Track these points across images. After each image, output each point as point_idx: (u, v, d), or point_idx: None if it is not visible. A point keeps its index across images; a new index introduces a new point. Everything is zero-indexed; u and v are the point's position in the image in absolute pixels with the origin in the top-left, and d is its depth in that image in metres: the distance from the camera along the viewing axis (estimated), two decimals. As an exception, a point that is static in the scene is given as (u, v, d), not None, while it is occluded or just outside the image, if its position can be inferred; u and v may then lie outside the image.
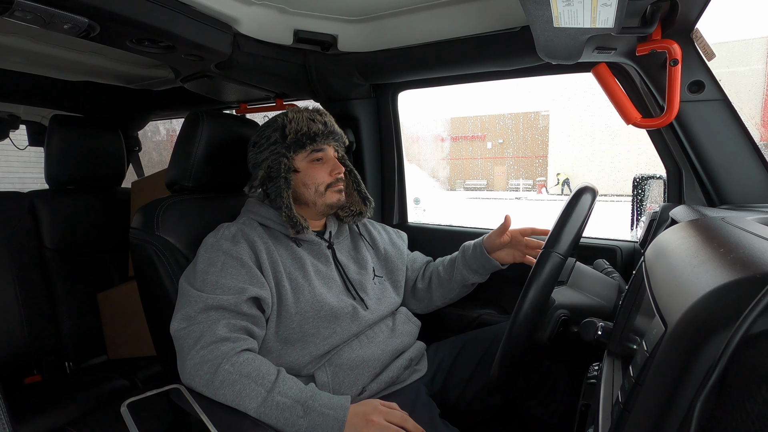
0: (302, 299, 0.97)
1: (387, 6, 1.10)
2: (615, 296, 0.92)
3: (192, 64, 1.16)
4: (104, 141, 1.79)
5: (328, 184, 1.07)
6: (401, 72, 1.32)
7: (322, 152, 1.07)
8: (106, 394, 1.45)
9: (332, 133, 1.09)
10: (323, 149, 1.07)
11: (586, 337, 0.70)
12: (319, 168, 1.07)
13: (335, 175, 1.07)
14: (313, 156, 1.06)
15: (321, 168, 1.07)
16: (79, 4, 0.79)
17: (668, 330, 0.37)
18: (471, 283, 1.20)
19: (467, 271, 1.16)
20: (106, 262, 1.80)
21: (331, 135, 1.09)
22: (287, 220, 1.00)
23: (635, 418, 0.39)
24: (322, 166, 1.07)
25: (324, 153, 1.08)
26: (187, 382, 0.84)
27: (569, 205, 0.82)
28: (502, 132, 14.04)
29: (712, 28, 1.06)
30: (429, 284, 1.22)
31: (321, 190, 1.07)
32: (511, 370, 0.84)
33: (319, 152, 1.07)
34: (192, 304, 0.88)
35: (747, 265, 0.37)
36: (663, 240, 0.60)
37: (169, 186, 1.19)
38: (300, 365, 0.95)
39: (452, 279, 1.18)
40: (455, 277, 1.18)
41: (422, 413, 0.94)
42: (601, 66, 1.01)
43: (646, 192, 1.17)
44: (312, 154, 1.06)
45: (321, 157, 1.07)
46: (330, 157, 1.09)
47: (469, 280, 1.17)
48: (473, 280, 1.18)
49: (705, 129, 0.97)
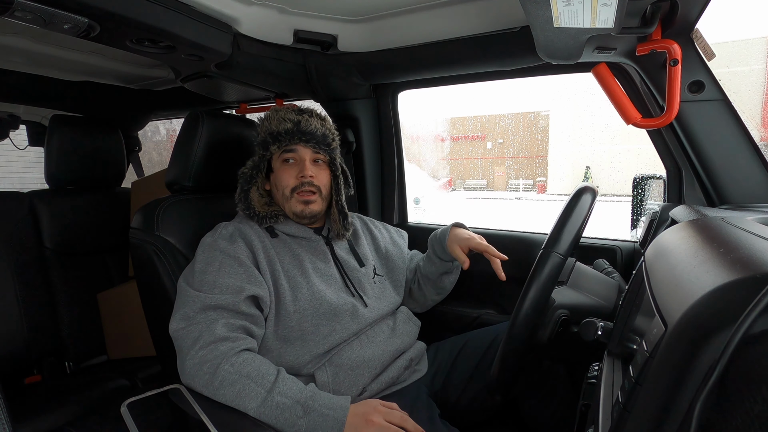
0: (301, 297, 0.97)
1: (387, 6, 1.10)
2: (615, 296, 0.92)
3: (192, 64, 1.16)
4: (104, 141, 1.79)
5: (292, 187, 1.02)
6: (401, 72, 1.32)
7: (293, 153, 1.03)
8: (106, 394, 1.45)
9: (304, 133, 1.02)
10: (293, 150, 1.03)
11: (586, 337, 0.70)
12: (286, 170, 1.03)
13: (300, 179, 1.02)
14: (283, 156, 1.04)
15: (288, 170, 1.03)
16: (79, 4, 0.79)
17: (668, 330, 0.37)
18: (446, 271, 1.17)
19: (435, 257, 1.16)
20: (106, 262, 1.80)
21: (303, 135, 1.02)
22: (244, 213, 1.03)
23: (635, 418, 0.39)
24: (290, 167, 1.03)
25: (294, 154, 1.03)
26: (187, 382, 0.84)
27: (569, 205, 0.82)
28: (502, 132, 14.04)
29: (712, 28, 1.06)
30: (418, 281, 1.22)
31: (287, 194, 1.03)
32: (511, 370, 0.84)
33: (288, 153, 1.03)
34: (190, 304, 0.88)
35: (747, 265, 0.37)
36: (663, 240, 0.60)
37: (169, 186, 1.19)
38: (300, 364, 0.95)
39: (433, 270, 1.17)
40: (434, 268, 1.17)
41: (422, 413, 0.94)
42: (601, 66, 1.01)
43: (646, 192, 1.17)
44: (282, 154, 1.04)
45: (290, 158, 1.04)
46: (300, 159, 1.03)
47: (442, 267, 1.16)
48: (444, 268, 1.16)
49: (705, 129, 0.97)
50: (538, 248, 0.81)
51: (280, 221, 1.05)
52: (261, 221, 1.03)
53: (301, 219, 1.06)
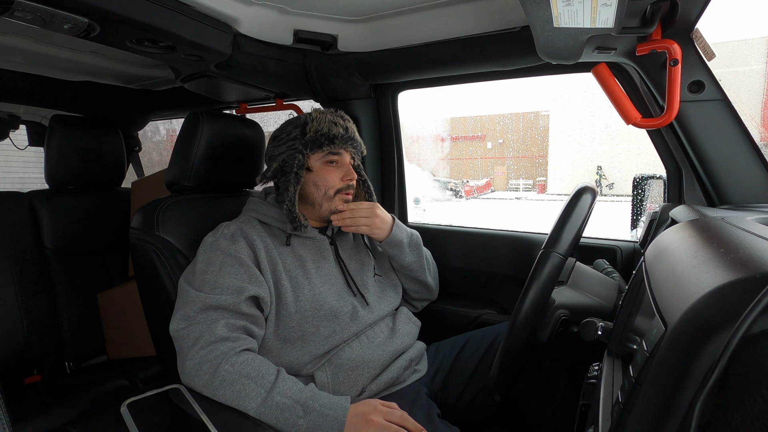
0: (302, 298, 0.97)
1: (387, 6, 1.10)
2: (615, 296, 0.92)
3: (192, 64, 1.16)
4: (104, 141, 1.79)
5: (338, 189, 1.06)
6: (401, 72, 1.32)
7: (338, 156, 1.07)
8: (106, 394, 1.45)
9: (352, 139, 1.08)
10: (339, 153, 1.07)
11: (586, 337, 0.70)
12: (333, 171, 1.06)
13: (347, 181, 1.06)
14: (328, 158, 1.06)
15: (334, 171, 1.06)
16: (79, 4, 0.79)
17: (668, 330, 0.37)
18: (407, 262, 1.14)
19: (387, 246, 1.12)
20: (106, 262, 1.80)
21: (350, 141, 1.08)
22: (287, 214, 1.00)
23: (635, 418, 0.39)
24: (336, 169, 1.07)
25: (340, 157, 1.07)
26: (187, 382, 0.84)
27: (569, 205, 0.82)
28: (502, 132, 14.02)
29: (712, 28, 1.06)
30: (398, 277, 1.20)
31: (330, 194, 1.06)
32: (511, 370, 0.84)
33: (335, 155, 1.06)
34: (191, 304, 0.88)
35: (747, 265, 0.37)
36: (663, 240, 0.60)
37: (169, 186, 1.19)
38: (300, 365, 0.95)
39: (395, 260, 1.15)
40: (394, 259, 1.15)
41: (422, 413, 0.94)
42: (601, 66, 1.01)
43: (646, 192, 1.17)
44: (328, 155, 1.06)
45: (336, 161, 1.07)
46: (345, 163, 1.08)
47: (396, 257, 1.13)
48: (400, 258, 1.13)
49: (705, 129, 0.97)
50: (538, 248, 0.81)
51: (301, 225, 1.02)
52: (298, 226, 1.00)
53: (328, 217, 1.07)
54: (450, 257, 1.43)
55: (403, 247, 1.12)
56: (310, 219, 1.08)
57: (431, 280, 1.22)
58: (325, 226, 1.12)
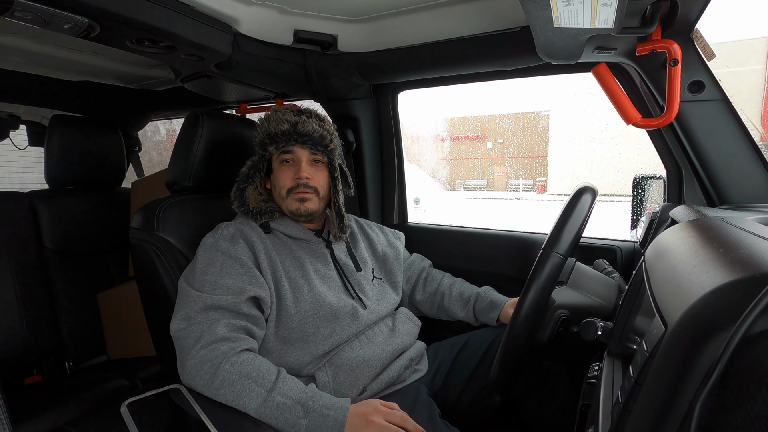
0: (302, 299, 0.97)
1: (387, 6, 1.10)
2: (615, 296, 0.92)
3: (192, 64, 1.16)
4: (104, 141, 1.79)
5: (289, 188, 1.03)
6: (401, 72, 1.32)
7: (290, 154, 1.04)
8: (106, 394, 1.45)
9: (301, 134, 1.02)
10: (291, 151, 1.04)
11: (586, 337, 0.70)
12: (284, 170, 1.04)
13: (296, 180, 1.03)
14: (281, 157, 1.05)
15: (286, 171, 1.04)
16: (79, 4, 0.79)
17: (668, 330, 0.37)
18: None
19: (472, 316, 1.17)
20: (106, 262, 1.80)
21: (300, 136, 1.02)
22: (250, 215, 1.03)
23: (635, 418, 0.39)
24: (288, 168, 1.04)
25: (291, 155, 1.04)
26: (187, 382, 0.84)
27: (569, 205, 0.82)
28: (502, 132, 14.01)
29: (712, 28, 1.06)
30: (432, 302, 1.23)
31: (283, 194, 1.04)
32: (511, 370, 0.84)
33: (286, 154, 1.04)
34: (191, 304, 0.88)
35: (747, 265, 0.37)
36: (663, 240, 0.60)
37: (169, 186, 1.19)
38: (300, 365, 0.95)
39: (459, 314, 1.19)
40: (461, 315, 1.19)
41: (422, 413, 0.94)
42: (601, 66, 1.01)
43: (646, 192, 1.17)
44: (281, 155, 1.05)
45: (288, 159, 1.04)
46: (298, 160, 1.04)
47: (472, 322, 1.19)
48: (470, 319, 1.19)
49: (705, 129, 0.97)
50: (538, 248, 0.81)
51: (276, 218, 1.06)
52: (256, 217, 1.04)
53: (297, 217, 1.06)
54: (450, 257, 1.43)
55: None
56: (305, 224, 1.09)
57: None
58: (321, 229, 1.12)
